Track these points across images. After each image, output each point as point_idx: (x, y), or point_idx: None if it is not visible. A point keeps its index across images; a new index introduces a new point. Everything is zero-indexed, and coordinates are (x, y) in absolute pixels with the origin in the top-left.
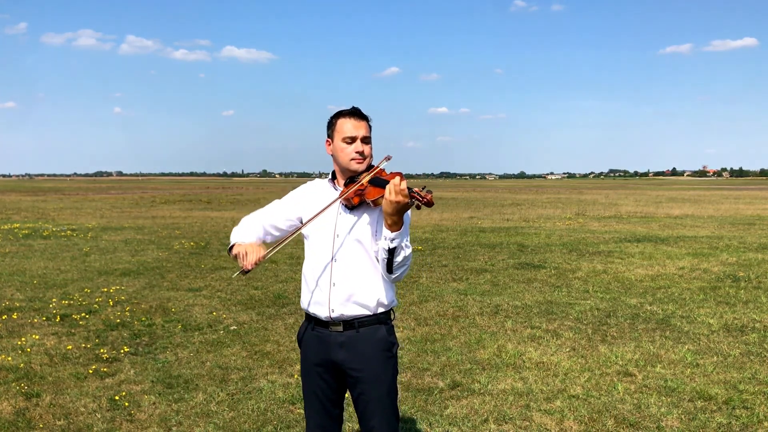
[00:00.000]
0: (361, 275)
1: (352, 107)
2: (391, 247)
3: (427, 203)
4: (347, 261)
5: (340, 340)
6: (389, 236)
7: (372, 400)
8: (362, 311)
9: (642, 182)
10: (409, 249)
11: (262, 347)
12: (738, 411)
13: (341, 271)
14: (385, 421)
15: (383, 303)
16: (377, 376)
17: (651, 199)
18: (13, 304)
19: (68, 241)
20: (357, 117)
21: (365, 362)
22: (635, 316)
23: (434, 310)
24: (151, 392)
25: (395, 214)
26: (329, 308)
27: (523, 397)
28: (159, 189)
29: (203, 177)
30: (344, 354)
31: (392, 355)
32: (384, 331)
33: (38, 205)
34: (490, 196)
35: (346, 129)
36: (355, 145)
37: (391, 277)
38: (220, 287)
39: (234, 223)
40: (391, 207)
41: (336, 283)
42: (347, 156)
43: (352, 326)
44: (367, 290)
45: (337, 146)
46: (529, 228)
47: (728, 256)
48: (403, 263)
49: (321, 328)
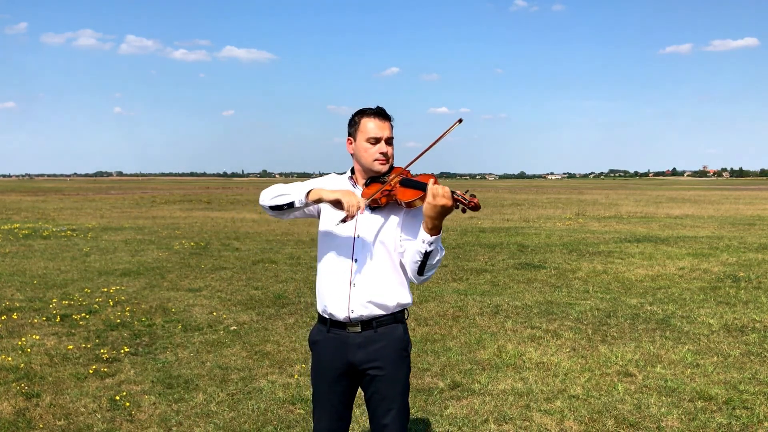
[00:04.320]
0: (381, 276)
1: (377, 107)
2: (428, 251)
3: (474, 207)
4: (368, 262)
5: (358, 340)
6: (427, 240)
7: (386, 398)
8: (380, 312)
9: (642, 182)
10: (443, 250)
11: (262, 347)
12: (738, 411)
13: (362, 272)
14: (398, 420)
15: (402, 303)
16: (393, 375)
17: (651, 200)
18: (13, 304)
19: (68, 241)
20: (381, 117)
21: (383, 361)
22: (635, 316)
23: (434, 310)
24: (151, 392)
25: (438, 218)
26: (348, 309)
27: (523, 398)
28: (159, 189)
29: (203, 177)
30: (362, 354)
31: (407, 354)
32: (401, 330)
33: (38, 205)
34: (490, 196)
35: (370, 129)
36: (380, 146)
37: (420, 278)
38: (220, 287)
39: (234, 222)
40: (435, 211)
41: (356, 284)
42: (371, 156)
43: (370, 326)
44: (387, 291)
45: (359, 146)
46: (529, 228)
47: (728, 257)
48: (435, 265)
49: (337, 329)
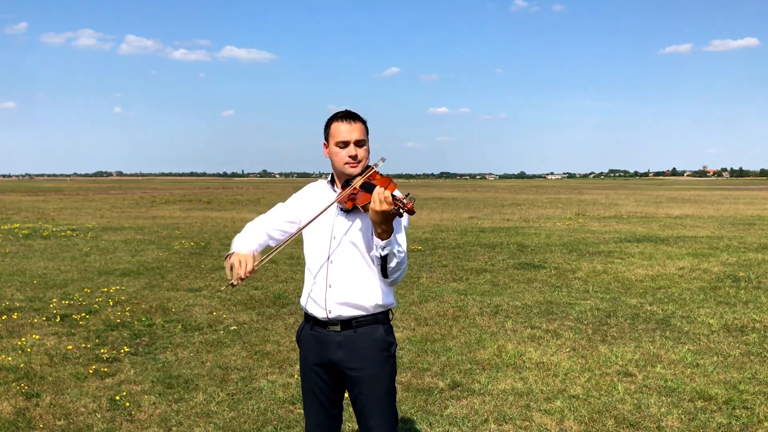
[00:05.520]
0: (356, 277)
1: (345, 110)
2: (383, 255)
3: (408, 211)
4: (343, 263)
5: (338, 339)
6: (379, 244)
7: (370, 399)
8: (358, 312)
9: (642, 182)
10: (403, 254)
11: (262, 347)
12: (738, 411)
13: (337, 273)
14: (384, 421)
15: (379, 304)
16: (375, 375)
17: (651, 199)
18: (13, 304)
19: (68, 241)
20: (349, 120)
21: (363, 362)
22: (635, 316)
23: (434, 310)
24: (151, 392)
25: (383, 222)
26: (326, 309)
27: (523, 397)
28: (159, 189)
29: (203, 177)
30: (342, 354)
31: (390, 354)
32: (382, 331)
33: (38, 205)
34: (490, 196)
35: (338, 133)
36: (348, 149)
37: (387, 281)
38: (220, 287)
39: (234, 222)
40: (377, 216)
41: (332, 285)
42: (341, 160)
43: (349, 326)
44: (362, 292)
45: (331, 150)
46: (529, 228)
47: (728, 256)
48: (397, 268)
49: (319, 327)
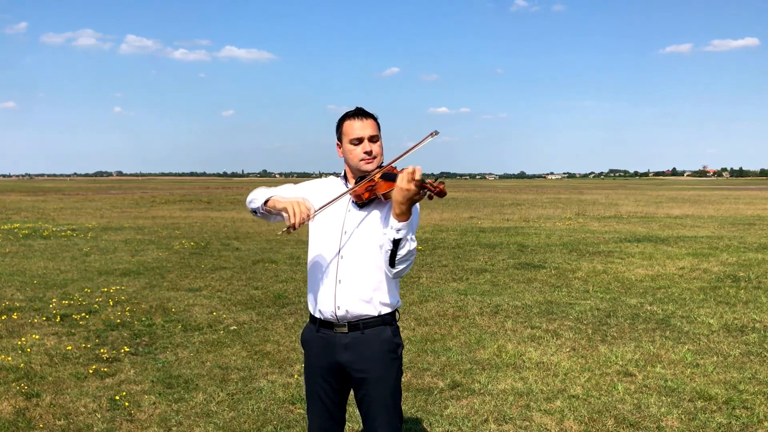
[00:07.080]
0: (367, 272)
1: (356, 108)
2: (397, 238)
3: (440, 193)
4: (354, 257)
5: (345, 341)
6: (396, 226)
7: (376, 401)
8: (367, 310)
9: (642, 182)
10: (414, 243)
11: (262, 347)
12: (738, 411)
13: (347, 268)
14: (389, 422)
15: (387, 302)
16: (382, 377)
17: (651, 199)
18: (13, 304)
19: (68, 241)
20: (362, 116)
21: (370, 363)
22: (635, 316)
23: (434, 310)
24: (151, 392)
25: (405, 202)
26: (335, 305)
27: (523, 397)
28: (159, 189)
29: (203, 177)
30: (349, 355)
31: (397, 356)
32: (389, 332)
33: (38, 205)
34: (490, 196)
35: (352, 130)
36: (363, 145)
37: (393, 271)
38: (220, 287)
39: (234, 222)
40: (401, 194)
41: (342, 280)
42: (356, 157)
43: (356, 327)
44: (373, 288)
45: (346, 148)
46: (529, 228)
47: (728, 256)
48: (406, 258)
49: (326, 329)
